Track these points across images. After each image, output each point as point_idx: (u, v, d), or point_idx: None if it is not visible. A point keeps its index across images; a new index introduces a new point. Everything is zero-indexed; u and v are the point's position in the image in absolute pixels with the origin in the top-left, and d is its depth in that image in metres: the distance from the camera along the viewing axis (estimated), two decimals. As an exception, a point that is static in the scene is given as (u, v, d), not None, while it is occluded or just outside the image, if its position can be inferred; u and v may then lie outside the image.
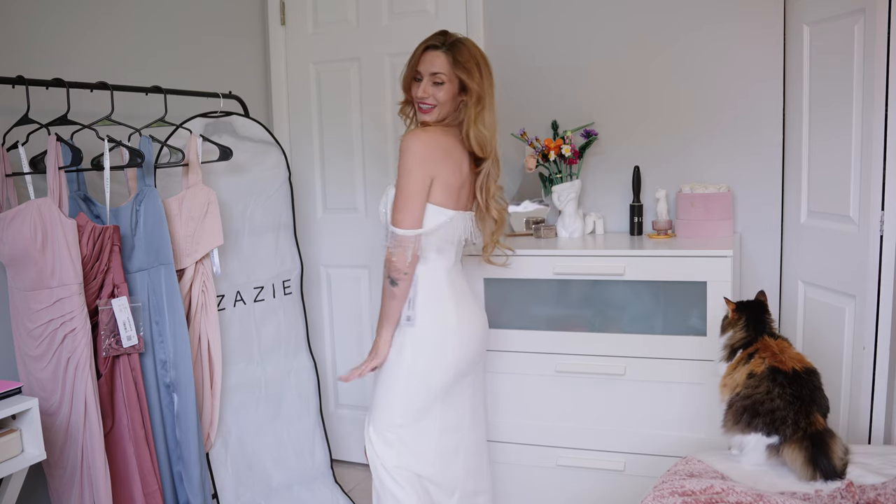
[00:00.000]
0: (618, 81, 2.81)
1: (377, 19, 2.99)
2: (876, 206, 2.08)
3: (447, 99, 2.01)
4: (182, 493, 2.23)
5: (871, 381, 2.13)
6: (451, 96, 2.02)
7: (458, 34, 2.06)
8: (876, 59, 2.04)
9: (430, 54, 2.01)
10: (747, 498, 1.62)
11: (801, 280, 2.51)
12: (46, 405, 1.96)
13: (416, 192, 1.96)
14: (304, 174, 3.17)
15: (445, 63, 1.99)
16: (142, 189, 2.16)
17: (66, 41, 2.29)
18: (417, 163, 1.95)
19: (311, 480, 2.73)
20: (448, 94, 2.00)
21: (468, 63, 2.00)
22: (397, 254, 1.98)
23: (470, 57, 2.01)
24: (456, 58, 1.99)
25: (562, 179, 2.76)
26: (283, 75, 3.17)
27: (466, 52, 2.01)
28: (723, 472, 1.81)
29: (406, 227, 1.97)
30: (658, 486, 1.73)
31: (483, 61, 2.05)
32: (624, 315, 2.47)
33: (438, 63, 1.99)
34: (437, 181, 1.99)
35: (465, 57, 2.00)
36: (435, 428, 2.11)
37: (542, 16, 2.88)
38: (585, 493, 2.50)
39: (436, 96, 2.00)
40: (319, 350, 3.22)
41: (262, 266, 2.64)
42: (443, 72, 1.99)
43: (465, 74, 1.99)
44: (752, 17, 2.61)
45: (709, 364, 2.31)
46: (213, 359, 2.35)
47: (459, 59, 1.99)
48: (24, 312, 1.98)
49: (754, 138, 2.65)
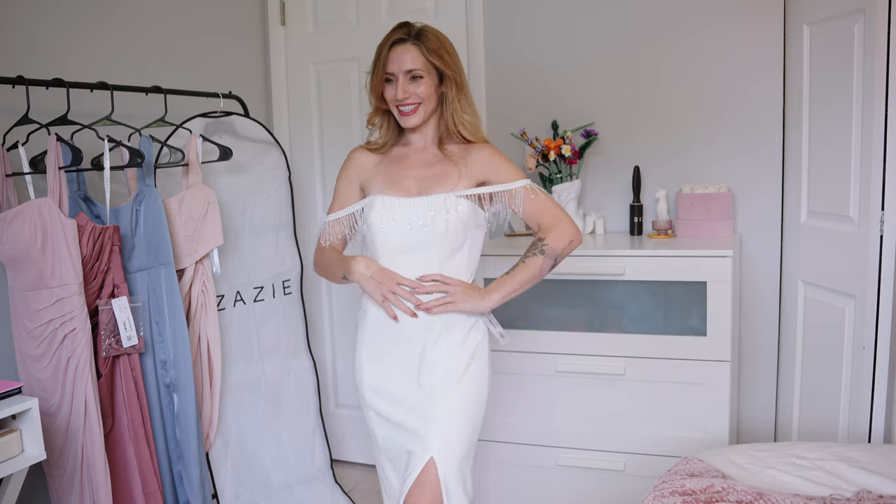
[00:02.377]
0: (618, 81, 2.81)
1: (377, 19, 2.99)
2: (876, 206, 2.08)
3: (429, 93, 1.82)
4: (182, 493, 2.23)
5: (871, 381, 2.13)
6: (434, 89, 1.83)
7: (418, 22, 1.87)
8: (876, 59, 2.04)
9: (399, 49, 1.81)
10: (748, 497, 1.62)
11: (801, 280, 2.51)
12: (46, 405, 1.96)
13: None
14: (304, 174, 3.17)
15: (419, 55, 1.80)
16: (142, 189, 2.16)
17: (66, 41, 2.29)
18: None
19: (311, 480, 2.73)
20: (429, 88, 1.81)
21: (439, 50, 1.82)
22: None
23: (439, 43, 1.83)
24: (428, 47, 1.80)
25: (562, 179, 2.76)
26: (283, 75, 3.17)
27: (434, 39, 1.82)
28: (723, 472, 1.81)
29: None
30: (658, 486, 1.73)
31: (449, 44, 1.86)
32: (624, 315, 2.47)
33: (410, 57, 1.80)
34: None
35: (436, 44, 1.82)
36: None
37: (542, 16, 2.88)
38: (585, 493, 2.50)
39: (417, 93, 1.80)
40: (319, 350, 3.22)
41: (262, 266, 2.64)
42: (418, 66, 1.80)
43: (440, 62, 1.81)
44: (752, 17, 2.61)
45: (709, 364, 2.32)
46: (213, 359, 2.35)
47: (431, 48, 1.81)
48: (24, 312, 1.98)
49: (754, 138, 2.65)
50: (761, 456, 1.89)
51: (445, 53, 1.83)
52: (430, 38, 1.82)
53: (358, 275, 1.86)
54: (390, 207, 1.84)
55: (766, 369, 2.72)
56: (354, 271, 1.86)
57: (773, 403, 2.73)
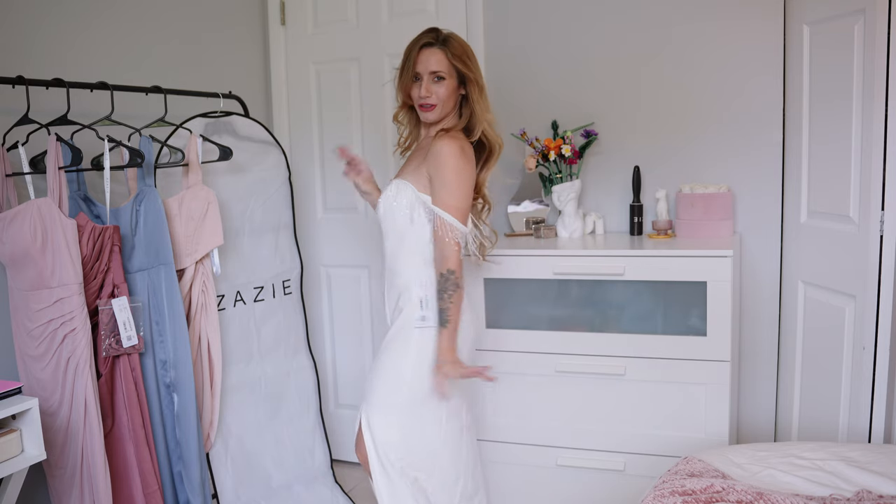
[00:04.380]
0: (618, 81, 2.81)
1: (377, 19, 2.99)
2: (876, 206, 2.08)
3: (447, 95, 2.04)
4: (182, 493, 2.23)
5: (871, 381, 2.13)
6: (451, 91, 2.05)
7: (445, 29, 2.09)
8: (876, 59, 2.04)
9: (427, 52, 2.03)
10: (748, 497, 1.62)
11: (801, 280, 2.51)
12: (46, 405, 1.96)
13: (470, 192, 2.01)
14: (304, 174, 3.17)
15: (444, 58, 2.02)
16: (142, 189, 2.16)
17: (66, 41, 2.29)
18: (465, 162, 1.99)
19: (311, 480, 2.73)
20: (448, 89, 2.03)
21: (463, 56, 2.04)
22: (457, 251, 1.97)
23: (462, 49, 2.05)
24: (452, 52, 2.02)
25: (562, 179, 2.76)
26: (283, 75, 3.17)
27: (458, 45, 2.04)
28: (723, 472, 1.81)
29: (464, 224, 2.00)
30: (658, 486, 1.73)
31: (471, 52, 2.08)
32: (624, 315, 2.47)
33: (436, 60, 2.02)
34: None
35: (459, 50, 2.04)
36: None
37: (542, 16, 2.88)
38: (585, 493, 2.50)
39: (437, 94, 2.02)
40: (319, 350, 3.22)
41: (262, 266, 2.64)
42: (442, 68, 2.02)
43: (463, 66, 2.02)
44: (752, 17, 2.61)
45: (709, 364, 2.32)
46: (213, 359, 2.35)
47: (456, 53, 2.03)
48: (24, 312, 1.98)
49: (754, 138, 2.65)
50: (761, 456, 1.89)
51: (468, 59, 2.04)
52: (454, 45, 2.03)
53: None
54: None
55: (766, 369, 2.72)
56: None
57: (773, 403, 2.73)
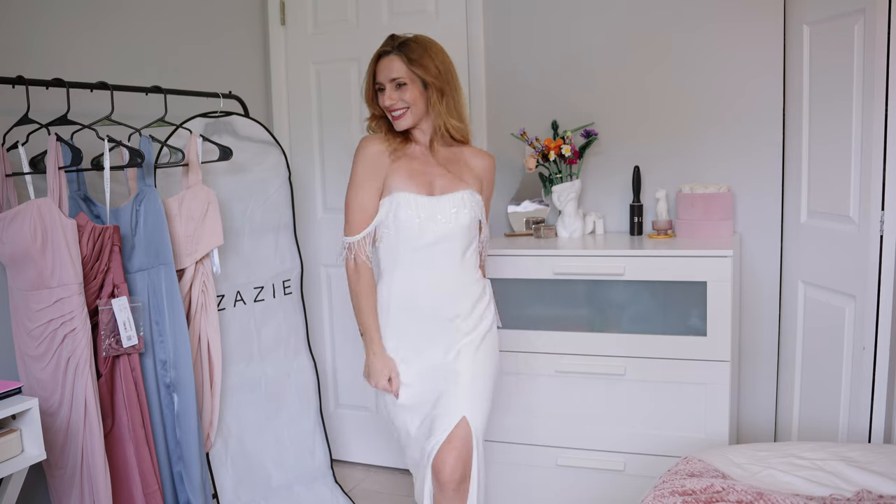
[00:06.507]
0: (618, 81, 2.81)
1: (377, 19, 2.99)
2: (876, 206, 2.08)
3: (415, 98, 1.98)
4: (182, 493, 2.23)
5: (871, 381, 2.13)
6: (419, 94, 1.99)
7: (409, 34, 2.03)
8: (876, 60, 2.04)
9: (385, 60, 1.99)
10: (748, 497, 1.62)
11: (801, 280, 2.51)
12: (46, 405, 1.96)
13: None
14: (304, 174, 3.17)
15: (401, 65, 1.96)
16: (142, 189, 2.16)
17: (66, 41, 2.29)
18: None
19: (311, 480, 2.73)
20: (413, 93, 1.98)
21: (422, 59, 1.97)
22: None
23: (423, 52, 1.98)
24: (409, 56, 1.97)
25: (562, 179, 2.76)
26: (283, 75, 3.17)
27: (418, 48, 1.98)
28: (723, 472, 1.81)
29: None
30: (658, 486, 1.73)
31: (434, 52, 2.01)
32: (624, 315, 2.47)
33: (394, 67, 1.97)
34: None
35: (418, 53, 1.97)
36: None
37: (542, 16, 2.88)
38: (585, 493, 2.50)
39: (403, 99, 1.98)
40: (319, 350, 3.22)
41: (262, 266, 2.64)
42: (401, 74, 1.97)
43: (421, 70, 1.97)
44: (752, 17, 2.61)
45: (709, 364, 2.32)
46: (213, 359, 2.35)
47: (413, 57, 1.97)
48: (24, 312, 1.98)
49: (754, 138, 2.65)
50: (761, 456, 1.89)
51: (429, 61, 1.98)
52: (412, 49, 1.98)
53: (372, 369, 2.06)
54: (418, 205, 1.99)
55: (766, 369, 2.72)
56: (371, 366, 2.06)
57: (773, 403, 2.73)
